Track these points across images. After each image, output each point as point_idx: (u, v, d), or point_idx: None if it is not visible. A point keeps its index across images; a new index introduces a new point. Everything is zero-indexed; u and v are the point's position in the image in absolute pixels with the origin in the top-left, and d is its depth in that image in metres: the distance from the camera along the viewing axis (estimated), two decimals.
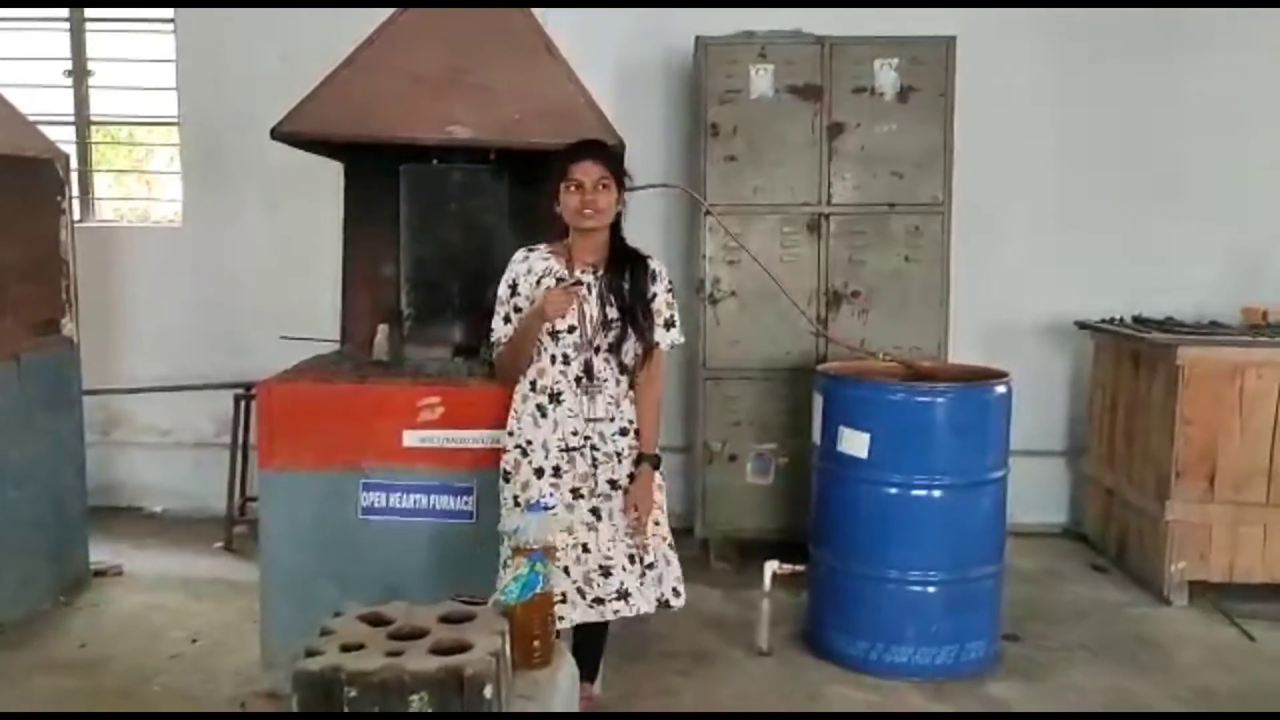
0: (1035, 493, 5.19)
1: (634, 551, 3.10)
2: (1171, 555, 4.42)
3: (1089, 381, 5.29)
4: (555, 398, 3.06)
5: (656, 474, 3.14)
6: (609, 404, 3.08)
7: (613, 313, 3.06)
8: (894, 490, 3.73)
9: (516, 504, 3.06)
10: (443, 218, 3.66)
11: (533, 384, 3.09)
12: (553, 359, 3.07)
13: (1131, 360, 4.81)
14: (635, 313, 3.06)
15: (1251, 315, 4.87)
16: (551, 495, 2.98)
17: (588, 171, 2.98)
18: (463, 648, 1.96)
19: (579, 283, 3.03)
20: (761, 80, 4.68)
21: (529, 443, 3.08)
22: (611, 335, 3.05)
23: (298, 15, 5.26)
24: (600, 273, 3.08)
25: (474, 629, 2.05)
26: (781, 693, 3.64)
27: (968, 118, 4.77)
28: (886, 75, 4.67)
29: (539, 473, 3.07)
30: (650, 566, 3.12)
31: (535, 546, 2.32)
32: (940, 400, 3.75)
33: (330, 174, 4.17)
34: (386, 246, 3.96)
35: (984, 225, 5.17)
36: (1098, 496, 5.17)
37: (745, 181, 4.73)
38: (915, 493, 3.73)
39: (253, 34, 5.38)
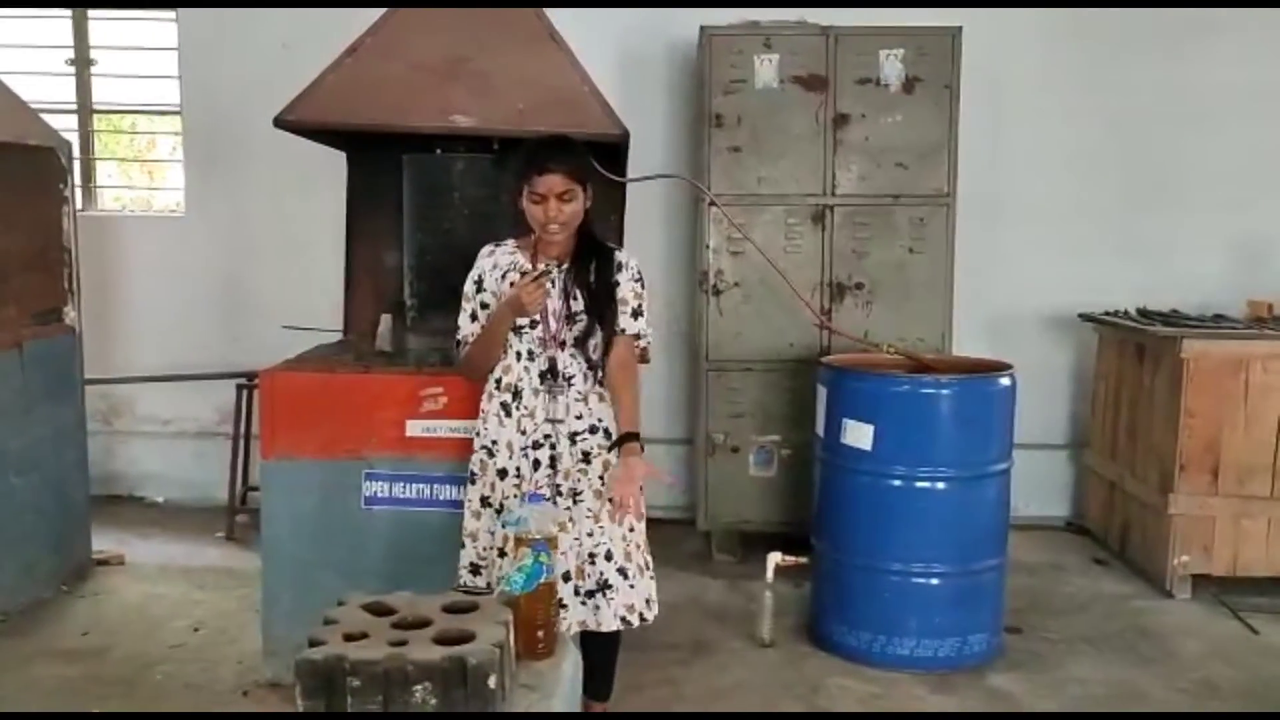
0: (1038, 485, 5.19)
1: (597, 551, 2.93)
2: (1175, 548, 4.42)
3: (1092, 374, 5.28)
4: (518, 395, 2.95)
5: (643, 465, 2.87)
6: (577, 401, 2.94)
7: (577, 306, 2.93)
8: (897, 482, 3.72)
9: (485, 505, 2.98)
10: (446, 207, 3.64)
11: (498, 382, 2.98)
12: (518, 355, 2.95)
13: (1135, 353, 4.80)
14: (601, 306, 2.94)
15: (1256, 308, 4.86)
16: (538, 495, 2.78)
17: (551, 186, 2.80)
18: (466, 638, 1.95)
19: (546, 272, 2.88)
20: (766, 70, 4.67)
21: (494, 443, 2.97)
22: (577, 329, 2.93)
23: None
24: (565, 266, 2.95)
25: (478, 619, 2.05)
26: (783, 684, 3.64)
27: (973, 110, 4.76)
28: (891, 66, 4.65)
29: (502, 474, 2.96)
30: (624, 574, 2.95)
31: (538, 537, 2.31)
32: (944, 393, 3.74)
33: (333, 163, 4.16)
34: (389, 236, 3.96)
35: (988, 217, 5.17)
36: (1100, 489, 5.17)
37: (749, 172, 4.71)
38: (919, 485, 3.72)
39: (255, 22, 5.36)
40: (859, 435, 3.73)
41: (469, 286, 3.02)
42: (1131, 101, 5.28)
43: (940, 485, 3.73)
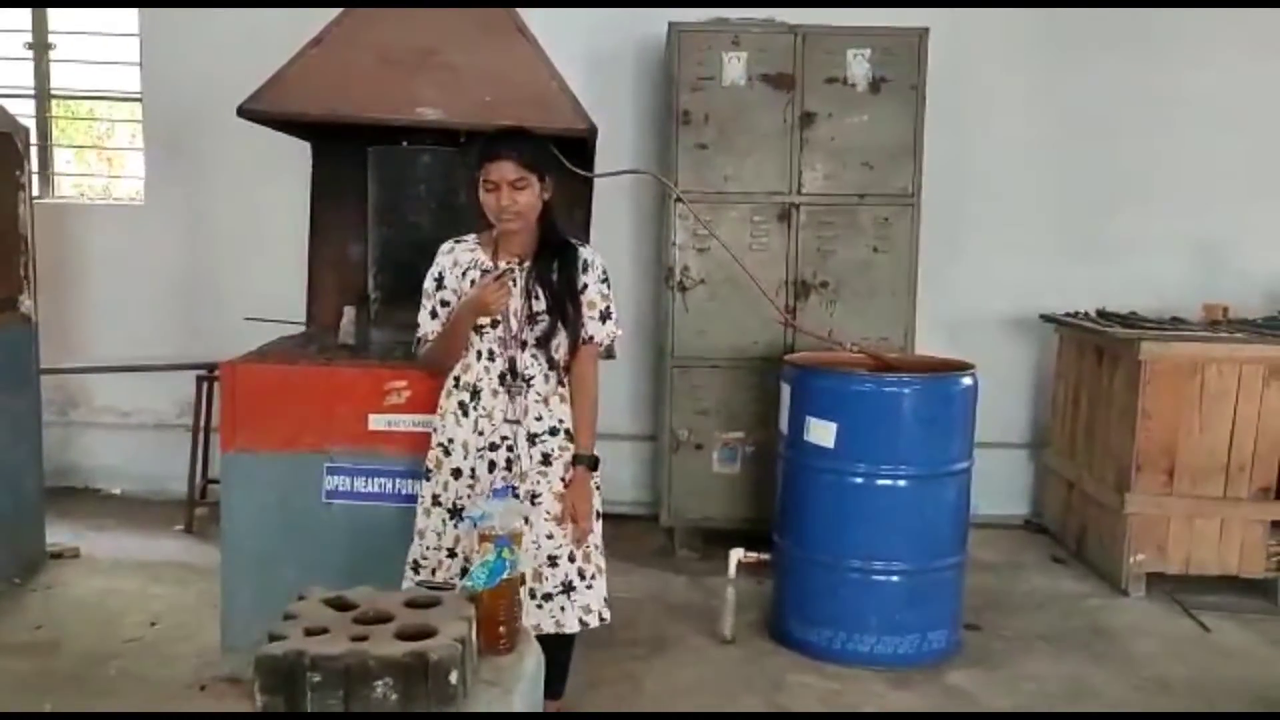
0: (998, 484, 5.23)
1: (557, 554, 2.95)
2: (1130, 547, 4.48)
3: (1053, 375, 5.34)
4: (476, 395, 2.93)
5: (594, 476, 3.00)
6: (537, 402, 2.92)
7: (539, 305, 2.90)
8: (859, 480, 3.75)
9: (436, 503, 2.97)
10: (411, 200, 3.62)
11: (457, 380, 2.97)
12: (478, 355, 2.93)
13: (1094, 354, 4.86)
14: (564, 305, 2.91)
15: (1212, 312, 4.94)
16: (505, 489, 2.83)
17: (504, 172, 2.78)
18: (428, 633, 1.94)
19: (509, 271, 2.88)
20: (734, 68, 4.67)
21: (450, 441, 2.96)
22: (538, 330, 2.90)
23: None
24: (526, 264, 2.93)
25: (439, 614, 2.04)
26: (744, 680, 3.66)
27: (938, 111, 4.79)
28: (859, 66, 4.67)
29: (456, 473, 2.95)
30: (581, 576, 2.98)
31: (501, 532, 2.31)
32: (906, 391, 3.77)
33: (297, 154, 4.12)
34: (353, 228, 3.93)
35: (952, 218, 5.21)
36: (1059, 489, 5.23)
37: (716, 170, 4.72)
38: (880, 483, 3.75)
39: (219, 10, 5.29)
40: (822, 433, 3.75)
41: (429, 284, 3.00)
42: (1095, 105, 5.35)
43: (901, 483, 3.76)
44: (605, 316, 2.99)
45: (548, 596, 2.94)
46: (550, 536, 2.93)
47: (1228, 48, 5.32)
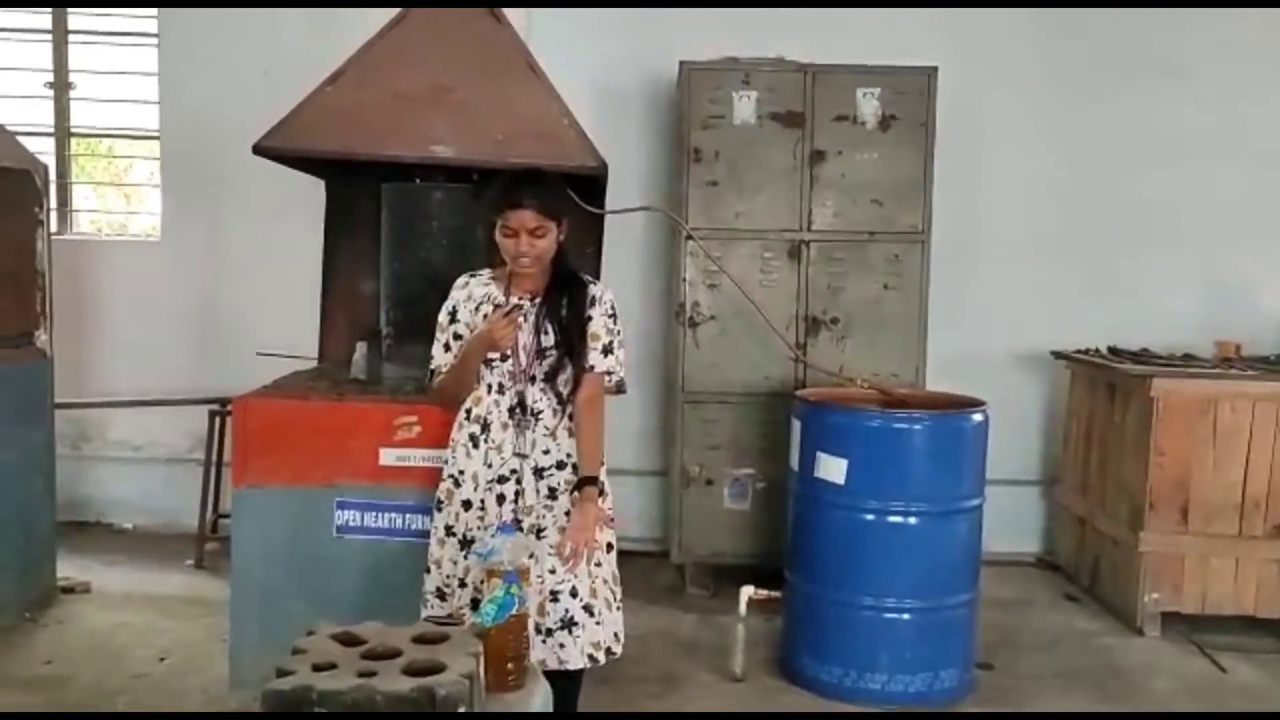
0: (1009, 521, 5.18)
1: (560, 589, 2.90)
2: (1144, 586, 4.44)
3: (1064, 411, 5.32)
4: (486, 428, 2.95)
5: (603, 502, 2.94)
6: (544, 436, 2.93)
7: (548, 340, 2.93)
8: (870, 517, 3.73)
9: (449, 534, 2.97)
10: (424, 237, 3.65)
11: (468, 412, 2.98)
12: (488, 388, 2.95)
13: (1106, 391, 4.85)
14: (571, 340, 2.93)
15: (1225, 349, 4.92)
16: (511, 525, 2.80)
17: (524, 221, 2.82)
18: (436, 669, 1.94)
19: (518, 307, 2.91)
20: (744, 106, 4.71)
21: (461, 473, 2.97)
22: (547, 364, 2.93)
23: (282, 29, 5.27)
24: (538, 300, 2.96)
25: (448, 650, 2.03)
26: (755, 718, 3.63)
27: (948, 148, 4.82)
28: (868, 104, 4.71)
29: (466, 505, 2.96)
30: (590, 611, 2.93)
31: (509, 568, 2.30)
32: (917, 428, 3.77)
33: (311, 190, 4.16)
34: (366, 264, 3.97)
35: (962, 254, 5.22)
36: (1071, 526, 5.19)
37: (727, 206, 4.75)
38: (891, 519, 3.73)
39: (236, 48, 5.37)
40: (832, 469, 3.75)
41: (443, 317, 3.02)
42: (1104, 140, 5.37)
43: (912, 520, 3.74)
44: (608, 350, 2.98)
45: (550, 632, 2.92)
46: (553, 571, 2.91)
47: (1233, 84, 5.34)
